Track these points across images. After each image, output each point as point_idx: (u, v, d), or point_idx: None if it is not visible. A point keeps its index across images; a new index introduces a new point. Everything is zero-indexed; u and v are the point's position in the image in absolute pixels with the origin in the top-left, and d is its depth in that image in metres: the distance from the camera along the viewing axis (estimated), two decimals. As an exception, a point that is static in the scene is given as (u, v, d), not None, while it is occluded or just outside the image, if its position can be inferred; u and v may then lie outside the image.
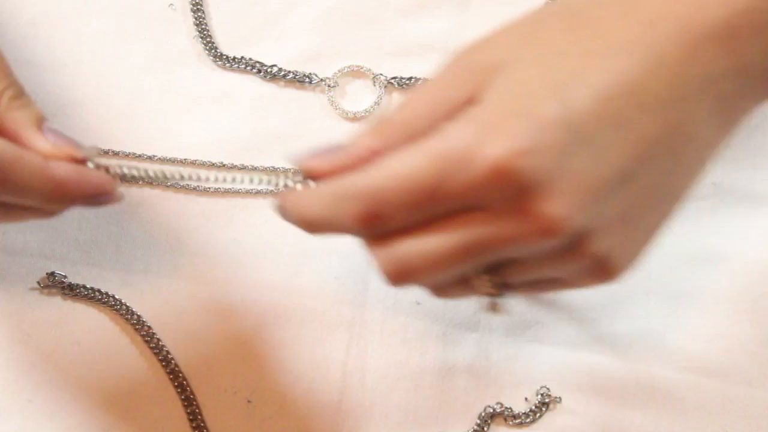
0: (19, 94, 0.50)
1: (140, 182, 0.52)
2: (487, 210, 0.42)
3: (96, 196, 0.49)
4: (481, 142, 0.41)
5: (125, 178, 0.50)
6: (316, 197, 0.45)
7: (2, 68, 0.50)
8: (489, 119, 0.42)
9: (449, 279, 0.44)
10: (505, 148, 0.40)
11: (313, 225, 0.46)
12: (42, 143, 0.49)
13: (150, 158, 0.59)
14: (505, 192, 0.41)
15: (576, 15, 0.44)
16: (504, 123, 0.41)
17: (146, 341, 0.55)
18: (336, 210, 0.44)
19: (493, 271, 0.44)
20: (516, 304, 0.56)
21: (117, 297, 0.56)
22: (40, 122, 0.50)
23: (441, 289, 0.46)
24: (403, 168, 0.43)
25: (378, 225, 0.44)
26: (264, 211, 0.58)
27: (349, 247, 0.57)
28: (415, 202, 0.42)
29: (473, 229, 0.42)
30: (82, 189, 0.49)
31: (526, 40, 0.45)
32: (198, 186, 0.58)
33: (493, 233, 0.42)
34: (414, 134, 0.44)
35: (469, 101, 0.43)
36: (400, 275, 0.44)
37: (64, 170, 0.48)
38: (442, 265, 0.43)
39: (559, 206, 0.40)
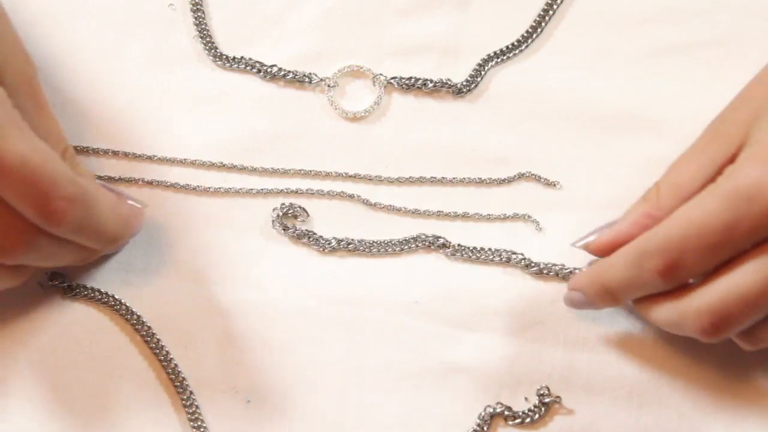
0: (74, 154, 0.54)
1: None
2: None
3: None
4: (766, 174, 0.46)
5: None
6: (615, 262, 0.51)
7: (59, 130, 0.53)
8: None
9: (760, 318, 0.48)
10: None
11: (614, 291, 0.52)
12: (108, 198, 0.52)
13: (150, 158, 0.59)
14: None
15: None
16: None
17: (146, 341, 0.55)
18: (638, 268, 0.50)
19: None
20: (516, 304, 0.56)
21: (117, 297, 0.56)
22: (94, 179, 0.54)
23: (755, 335, 0.49)
24: (699, 213, 0.48)
25: (679, 276, 0.49)
26: (264, 210, 0.58)
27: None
28: (714, 244, 0.47)
29: None
30: (139, 227, 0.54)
31: None
32: (198, 186, 0.58)
33: None
34: (685, 196, 0.50)
35: (738, 151, 0.49)
36: (718, 325, 0.48)
37: (128, 208, 0.53)
38: (758, 302, 0.47)
39: None
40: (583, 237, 0.54)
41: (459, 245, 0.57)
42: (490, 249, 0.57)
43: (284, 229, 0.56)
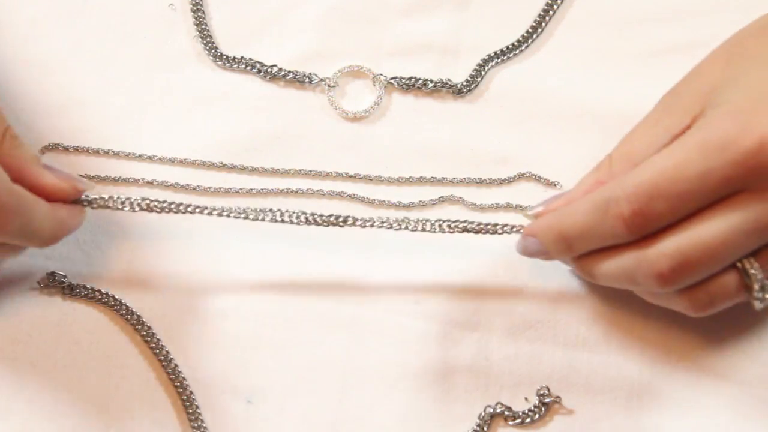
0: (15, 134, 0.53)
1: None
2: (752, 191, 0.46)
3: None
4: (742, 125, 0.45)
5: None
6: (578, 207, 0.49)
7: None
8: (741, 108, 0.46)
9: (717, 271, 0.47)
10: (765, 128, 0.45)
11: (572, 239, 0.50)
12: (48, 178, 0.52)
13: (150, 158, 0.59)
14: None
15: None
16: (757, 108, 0.46)
17: (146, 341, 0.55)
18: (603, 214, 0.48)
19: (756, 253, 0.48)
20: (516, 304, 0.56)
21: (117, 297, 0.56)
22: (38, 159, 0.53)
23: (704, 296, 0.48)
24: (671, 162, 0.46)
25: (644, 224, 0.47)
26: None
27: (349, 246, 0.57)
28: (684, 193, 0.46)
29: (743, 211, 0.46)
30: (77, 224, 0.53)
31: (732, 61, 0.50)
32: (198, 186, 0.58)
33: (762, 211, 0.46)
34: (639, 163, 0.48)
35: (690, 125, 0.48)
36: (677, 271, 0.47)
37: (64, 211, 0.53)
38: (720, 253, 0.46)
39: None
40: (536, 206, 0.54)
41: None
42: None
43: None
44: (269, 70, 0.60)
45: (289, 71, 0.60)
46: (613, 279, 0.50)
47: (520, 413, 0.54)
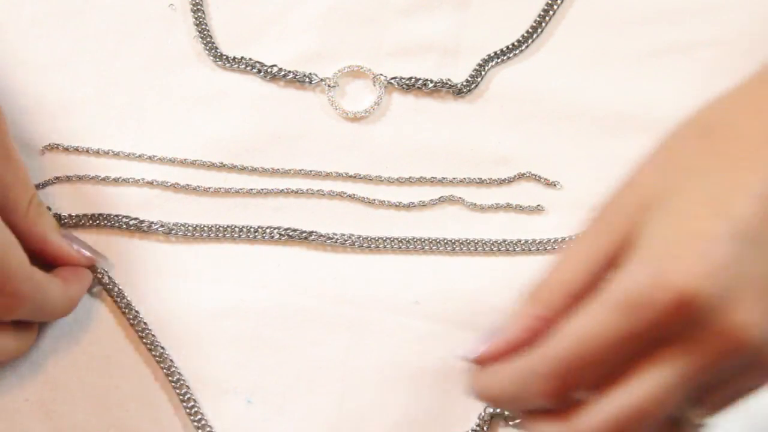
0: (40, 201, 0.54)
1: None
2: (674, 343, 0.42)
3: None
4: (657, 278, 0.41)
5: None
6: (501, 378, 0.46)
7: (26, 178, 0.53)
8: (657, 255, 0.42)
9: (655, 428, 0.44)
10: (682, 277, 0.41)
11: (500, 402, 0.47)
12: (67, 248, 0.54)
13: (150, 158, 0.59)
14: (693, 318, 0.41)
15: (711, 133, 0.44)
16: (674, 253, 0.42)
17: (144, 341, 0.55)
18: (526, 388, 0.44)
19: (694, 401, 0.44)
20: (516, 304, 0.56)
21: (117, 297, 0.55)
22: (58, 226, 0.54)
23: None
24: (589, 328, 0.43)
25: (566, 395, 0.44)
26: (264, 211, 0.58)
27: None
28: (606, 359, 0.43)
29: (669, 367, 0.42)
30: (84, 293, 0.54)
31: (668, 170, 0.45)
32: (198, 186, 0.58)
33: (691, 363, 0.42)
34: (575, 292, 0.45)
35: (626, 245, 0.44)
36: None
37: (76, 287, 0.53)
38: (651, 414, 0.43)
39: (747, 314, 0.41)
40: (471, 347, 0.48)
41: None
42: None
43: None
44: (269, 70, 0.60)
45: (289, 71, 0.60)
46: None
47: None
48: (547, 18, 0.61)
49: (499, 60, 0.60)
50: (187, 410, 0.54)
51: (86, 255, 0.54)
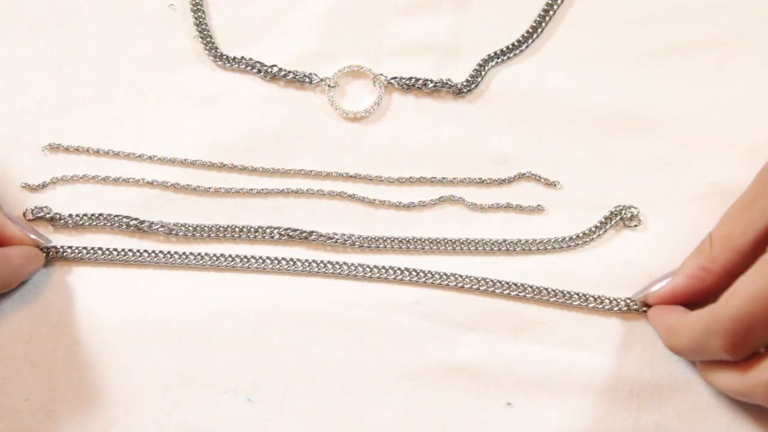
0: None
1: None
2: None
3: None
4: None
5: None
6: (683, 333, 0.51)
7: None
8: None
9: None
10: None
11: (682, 353, 0.53)
12: (13, 229, 0.54)
13: (150, 158, 0.59)
14: None
15: None
16: None
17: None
18: (705, 344, 0.49)
19: None
20: (516, 304, 0.56)
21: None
22: (2, 209, 0.55)
23: None
24: (758, 288, 0.47)
25: (747, 351, 0.48)
26: (264, 210, 0.58)
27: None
28: None
29: None
30: (34, 271, 0.55)
31: None
32: (198, 186, 0.58)
33: None
34: (738, 248, 0.50)
35: None
36: None
37: (19, 258, 0.54)
38: None
39: None
40: (642, 290, 0.54)
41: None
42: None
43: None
44: (269, 70, 0.60)
45: (289, 71, 0.60)
46: (732, 394, 0.52)
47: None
48: (547, 18, 0.61)
49: (499, 60, 0.61)
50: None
51: (31, 237, 0.55)
